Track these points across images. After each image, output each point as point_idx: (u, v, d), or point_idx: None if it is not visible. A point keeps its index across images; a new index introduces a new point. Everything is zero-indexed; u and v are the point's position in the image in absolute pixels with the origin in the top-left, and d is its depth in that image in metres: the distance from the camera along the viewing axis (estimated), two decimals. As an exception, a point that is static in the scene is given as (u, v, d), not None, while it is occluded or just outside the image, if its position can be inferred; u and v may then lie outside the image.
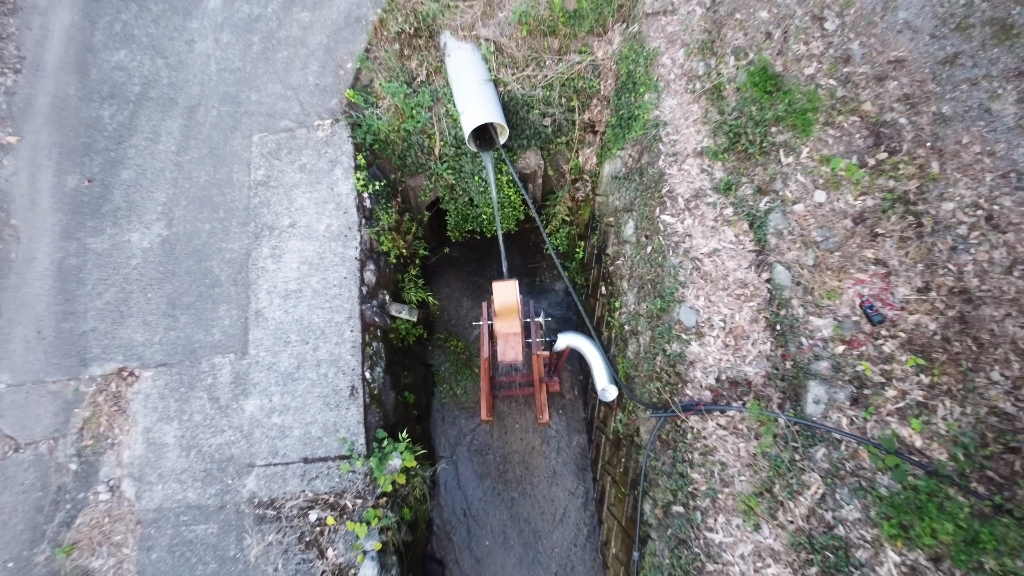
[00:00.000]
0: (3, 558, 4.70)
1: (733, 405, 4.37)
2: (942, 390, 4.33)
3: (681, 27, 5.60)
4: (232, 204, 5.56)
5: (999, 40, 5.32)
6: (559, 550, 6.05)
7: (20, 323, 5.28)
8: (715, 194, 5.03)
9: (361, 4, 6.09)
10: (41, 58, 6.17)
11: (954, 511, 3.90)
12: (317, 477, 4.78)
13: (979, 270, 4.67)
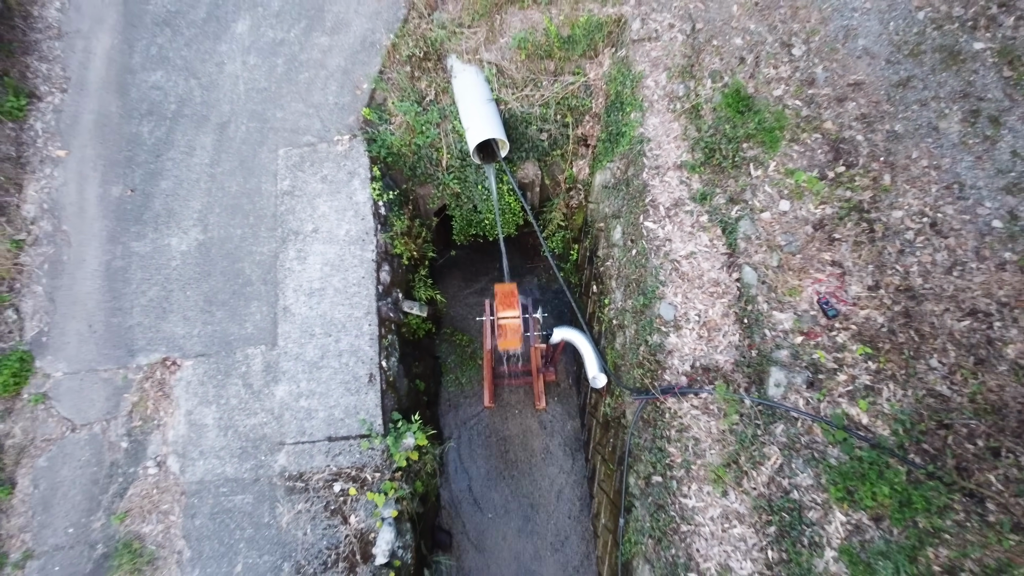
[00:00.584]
0: (64, 524, 5.33)
1: (705, 388, 5.00)
2: (887, 375, 4.96)
3: (664, 52, 6.23)
4: (261, 211, 6.19)
5: (947, 65, 5.95)
6: (555, 522, 6.70)
7: (73, 318, 5.91)
8: (692, 203, 5.66)
9: (375, 30, 6.72)
10: (85, 78, 6.79)
11: (892, 478, 4.54)
12: (340, 453, 5.41)
13: (923, 270, 5.31)
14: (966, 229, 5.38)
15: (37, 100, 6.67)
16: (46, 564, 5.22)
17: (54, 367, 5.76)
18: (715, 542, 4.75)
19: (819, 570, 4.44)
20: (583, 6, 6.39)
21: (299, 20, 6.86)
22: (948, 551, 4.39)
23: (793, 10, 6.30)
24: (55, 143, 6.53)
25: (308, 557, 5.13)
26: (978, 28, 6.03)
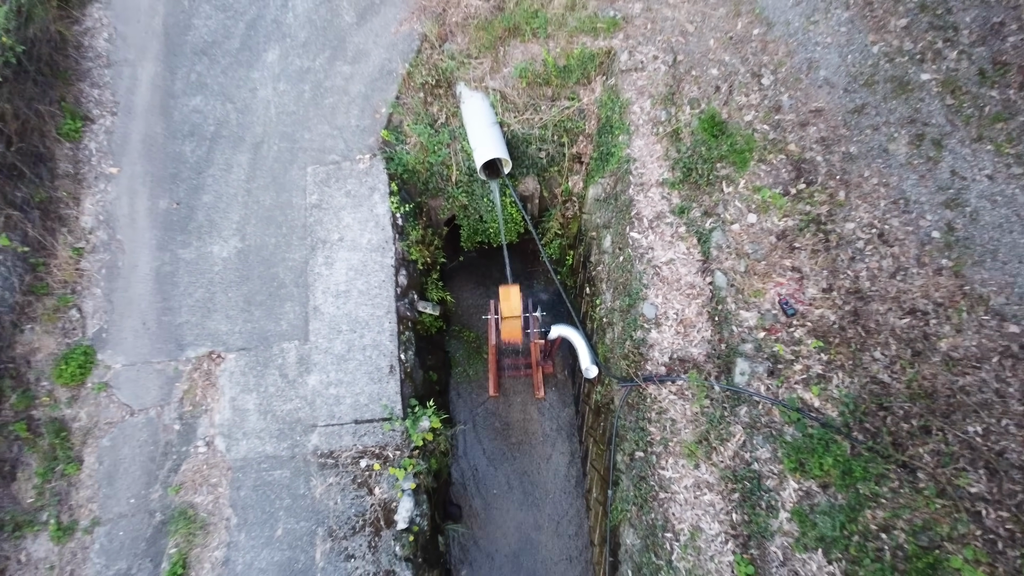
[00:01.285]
0: (126, 495, 6.14)
1: (681, 377, 5.82)
2: (836, 365, 5.77)
3: (648, 82, 7.04)
4: (292, 222, 7.00)
5: (897, 94, 6.76)
6: (552, 497, 7.52)
7: (129, 317, 6.72)
8: (672, 216, 6.47)
9: (392, 59, 7.52)
10: (132, 103, 7.60)
11: (837, 452, 5.35)
12: (365, 434, 6.22)
13: (870, 275, 6.12)
14: (909, 239, 6.20)
15: (90, 122, 7.47)
16: (111, 530, 6.04)
17: (114, 360, 6.57)
18: (688, 507, 5.56)
19: (774, 529, 5.26)
20: (577, 39, 7.20)
21: (323, 50, 7.67)
22: (883, 512, 5.20)
23: (763, 44, 7.11)
24: (108, 161, 7.34)
25: (339, 523, 5.94)
26: (925, 61, 6.84)
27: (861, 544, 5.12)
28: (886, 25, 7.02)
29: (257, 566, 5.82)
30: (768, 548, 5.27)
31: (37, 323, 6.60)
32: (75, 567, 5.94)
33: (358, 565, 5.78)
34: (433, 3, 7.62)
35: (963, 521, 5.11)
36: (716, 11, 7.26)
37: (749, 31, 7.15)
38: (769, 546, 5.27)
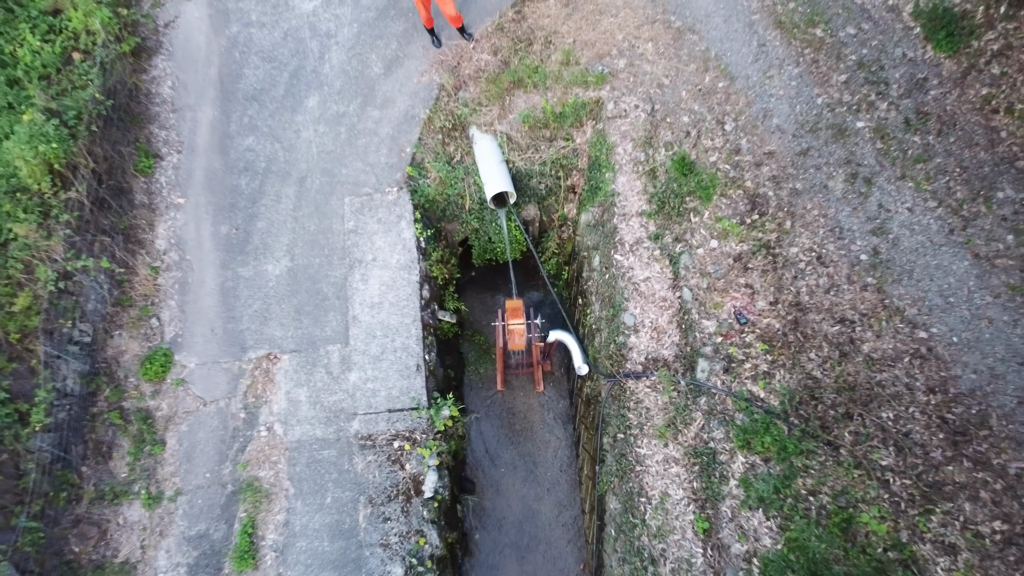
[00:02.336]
0: (203, 471, 7.52)
1: (653, 373, 7.20)
2: (779, 364, 7.15)
3: (631, 127, 8.41)
4: (333, 245, 8.37)
5: (836, 139, 8.14)
6: (550, 474, 8.89)
7: (199, 324, 8.09)
8: (648, 241, 7.85)
9: (415, 106, 8.89)
10: (195, 142, 8.96)
11: (776, 433, 6.73)
12: (397, 421, 7.59)
13: (809, 291, 7.49)
14: (841, 261, 7.58)
15: (160, 160, 8.83)
16: (191, 498, 7.42)
17: (188, 360, 7.95)
18: (659, 477, 6.95)
19: (725, 493, 6.64)
20: (571, 91, 8.57)
21: (356, 97, 9.03)
22: (811, 480, 6.59)
23: (727, 95, 8.48)
24: (176, 193, 8.70)
25: (377, 492, 7.32)
26: (860, 111, 8.22)
27: (793, 505, 6.51)
28: (829, 80, 8.40)
29: (311, 527, 7.20)
30: (720, 508, 6.66)
31: (124, 330, 7.97)
32: (163, 528, 7.32)
33: (393, 526, 7.16)
34: (448, 58, 8.99)
35: (873, 487, 6.51)
36: (688, 67, 8.63)
37: (715, 84, 8.52)
38: (721, 506, 6.66)
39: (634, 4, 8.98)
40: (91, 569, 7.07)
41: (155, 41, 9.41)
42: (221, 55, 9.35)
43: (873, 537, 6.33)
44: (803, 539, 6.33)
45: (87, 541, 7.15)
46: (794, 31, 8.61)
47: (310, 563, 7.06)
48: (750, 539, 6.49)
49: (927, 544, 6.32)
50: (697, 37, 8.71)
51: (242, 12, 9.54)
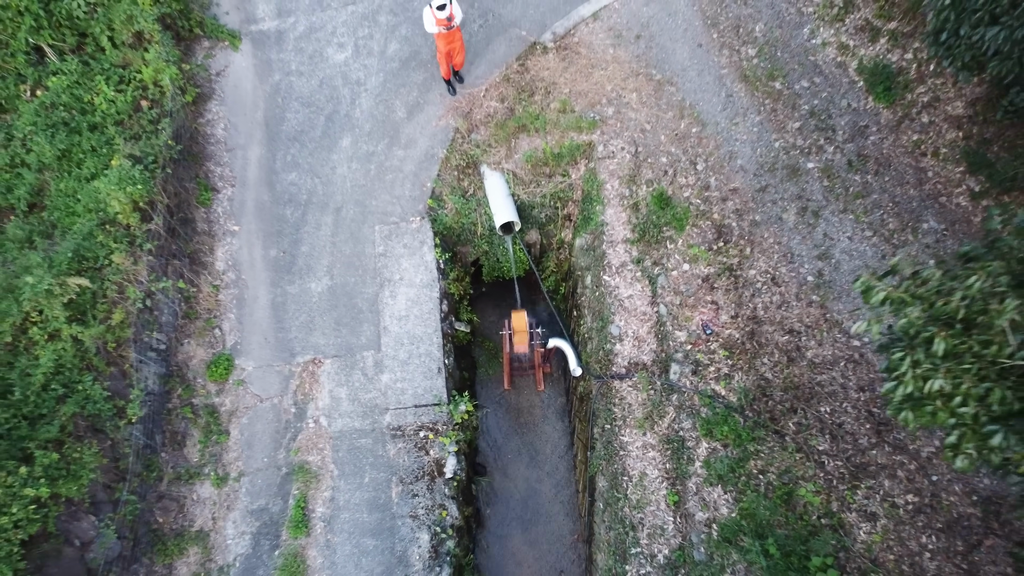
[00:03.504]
0: (261, 456, 9.04)
1: (634, 375, 8.73)
2: (737, 368, 8.68)
3: (617, 166, 9.94)
4: (366, 266, 9.89)
5: (790, 177, 9.66)
6: (550, 459, 10.44)
7: (254, 333, 9.61)
8: (632, 264, 9.38)
9: (434, 146, 10.40)
10: (246, 177, 10.46)
11: (734, 424, 8.26)
12: (422, 414, 9.12)
13: (764, 306, 9.02)
14: (792, 281, 9.11)
15: (217, 192, 10.34)
16: (252, 479, 8.94)
17: (246, 364, 9.47)
18: (638, 460, 8.49)
19: (691, 472, 8.18)
20: (567, 135, 10.10)
21: (383, 138, 10.54)
22: (761, 461, 8.13)
23: (699, 139, 10.00)
24: (231, 221, 10.22)
25: (406, 473, 8.85)
26: (811, 153, 9.75)
27: (745, 481, 8.06)
28: (785, 126, 9.92)
29: (353, 502, 8.73)
30: (687, 484, 8.20)
31: (192, 338, 9.50)
32: (230, 503, 8.85)
33: (420, 501, 8.70)
34: (462, 105, 10.51)
35: (811, 467, 8.06)
36: (666, 114, 10.15)
37: (689, 129, 10.05)
38: (688, 483, 8.20)
39: (621, 59, 10.50)
40: (172, 536, 8.60)
41: (208, 88, 10.91)
42: (266, 100, 10.85)
43: (809, 507, 7.89)
44: (753, 508, 7.88)
45: (168, 513, 8.68)
46: (756, 84, 10.14)
47: (352, 531, 8.60)
48: (710, 509, 8.04)
49: (852, 513, 7.89)
50: (674, 88, 10.24)
51: (283, 62, 11.04)
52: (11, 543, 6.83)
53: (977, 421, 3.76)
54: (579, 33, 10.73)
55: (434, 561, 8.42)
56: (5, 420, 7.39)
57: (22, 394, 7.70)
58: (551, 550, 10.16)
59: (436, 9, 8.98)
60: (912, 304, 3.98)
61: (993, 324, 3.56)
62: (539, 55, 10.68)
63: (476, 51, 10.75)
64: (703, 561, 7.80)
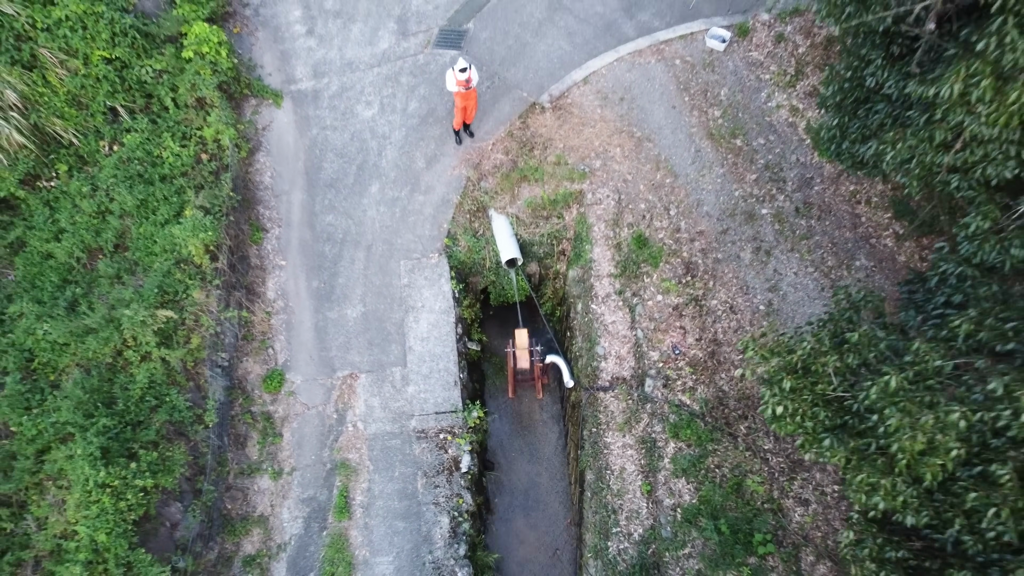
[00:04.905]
0: (309, 454, 10.95)
1: (616, 387, 10.66)
2: (701, 381, 10.61)
3: (604, 211, 11.85)
4: (393, 295, 11.80)
5: (747, 222, 11.57)
6: (547, 457, 12.38)
7: (301, 352, 11.53)
8: (615, 295, 11.30)
9: (449, 192, 12.31)
10: (290, 218, 12.37)
11: (695, 427, 10.20)
12: (442, 419, 11.04)
13: (723, 331, 10.94)
14: (747, 310, 11.03)
15: (266, 232, 12.25)
16: (303, 473, 10.86)
17: (295, 378, 11.39)
18: (619, 458, 10.42)
19: (661, 467, 10.12)
20: (561, 184, 12.01)
21: (406, 185, 12.44)
22: (717, 458, 10.07)
23: (672, 188, 11.91)
24: (279, 257, 12.13)
25: (428, 468, 10.78)
26: (765, 201, 11.66)
27: (704, 474, 9.99)
28: (744, 178, 11.84)
29: (386, 491, 10.66)
30: (658, 476, 10.14)
31: (249, 357, 11.42)
32: (285, 493, 10.78)
33: (441, 491, 10.64)
34: (473, 157, 12.42)
35: (757, 463, 10.00)
36: (645, 167, 12.07)
37: (664, 180, 11.97)
38: (658, 475, 10.14)
39: (607, 118, 12.41)
40: (239, 520, 10.53)
41: (256, 141, 12.82)
42: (306, 151, 12.76)
43: (755, 494, 9.82)
44: (709, 496, 9.82)
45: (235, 501, 10.61)
46: (721, 141, 12.06)
47: (386, 515, 10.53)
48: (676, 496, 9.98)
49: (789, 499, 9.83)
50: (652, 144, 12.16)
51: (319, 118, 12.94)
52: (127, 522, 8.76)
53: (815, 431, 5.65)
54: (572, 95, 12.65)
55: (453, 540, 10.36)
56: (114, 426, 9.31)
57: (124, 405, 9.63)
58: (548, 531, 12.12)
59: (458, 71, 10.88)
60: (771, 358, 5.87)
61: (822, 370, 5.44)
62: (538, 114, 12.59)
63: (484, 109, 12.65)
64: (669, 538, 9.74)
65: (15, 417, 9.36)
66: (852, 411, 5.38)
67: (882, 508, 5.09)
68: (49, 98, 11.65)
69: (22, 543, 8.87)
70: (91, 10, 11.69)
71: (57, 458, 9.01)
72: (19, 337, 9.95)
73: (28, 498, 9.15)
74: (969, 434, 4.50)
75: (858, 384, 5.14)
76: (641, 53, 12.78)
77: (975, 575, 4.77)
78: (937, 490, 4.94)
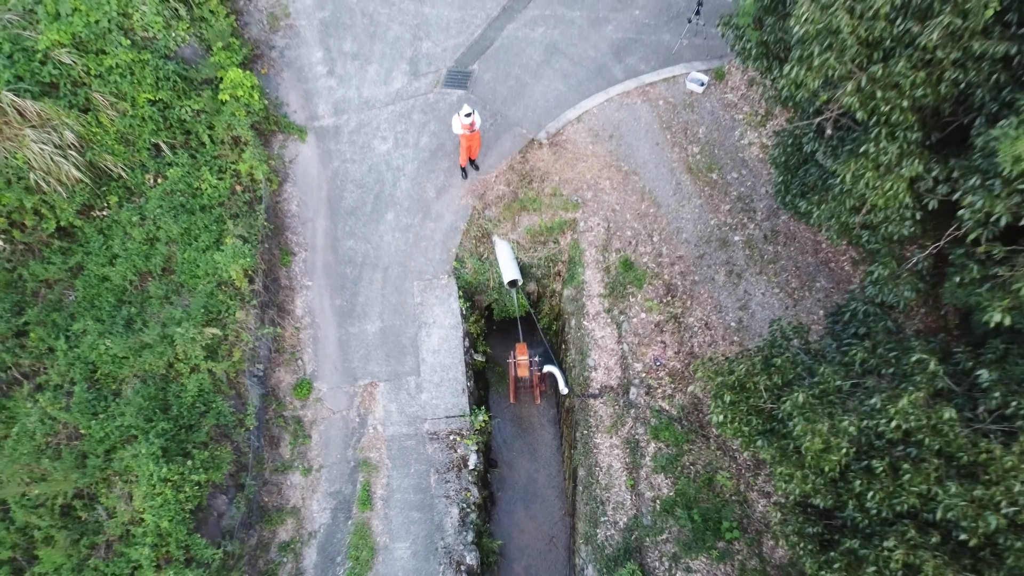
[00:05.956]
0: (335, 453, 12.45)
1: (604, 394, 12.17)
2: (678, 390, 12.11)
3: (594, 238, 13.35)
4: (407, 312, 13.30)
5: (721, 248, 13.08)
6: (544, 455, 13.90)
7: (327, 363, 13.02)
8: (604, 313, 12.81)
9: (457, 220, 13.80)
10: (315, 243, 13.86)
11: (673, 429, 11.71)
12: (452, 423, 12.53)
13: (699, 345, 12.45)
14: (720, 326, 12.54)
15: (294, 256, 13.74)
16: (329, 470, 12.36)
17: (321, 386, 12.88)
18: (607, 456, 11.93)
19: (643, 464, 11.63)
20: (557, 213, 13.51)
21: (418, 213, 13.93)
22: (691, 456, 11.59)
23: (655, 217, 13.42)
24: (305, 278, 13.62)
25: (440, 465, 12.28)
26: (737, 229, 13.17)
27: (680, 470, 11.50)
28: (719, 208, 13.35)
29: (403, 486, 12.17)
30: (640, 472, 11.66)
31: (281, 367, 12.92)
32: (314, 488, 12.28)
33: (451, 485, 12.14)
34: (478, 188, 13.92)
35: (727, 460, 11.52)
36: (631, 197, 13.57)
37: (648, 210, 13.47)
38: (641, 472, 11.66)
39: (598, 153, 13.91)
40: (274, 511, 12.03)
41: (284, 173, 14.31)
42: (328, 182, 14.25)
43: (724, 488, 11.33)
44: (685, 489, 11.33)
45: (271, 495, 12.11)
46: (699, 174, 13.57)
47: (403, 507, 12.04)
48: (656, 489, 11.50)
49: (754, 492, 11.34)
50: (638, 178, 13.66)
51: (340, 152, 14.42)
52: (185, 511, 10.26)
53: (750, 435, 7.14)
54: (567, 132, 14.15)
55: (462, 528, 11.87)
56: (171, 429, 10.81)
57: (178, 410, 11.13)
58: (545, 521, 13.65)
59: (463, 116, 12.38)
60: (715, 377, 7.37)
61: (755, 388, 6.92)
62: (536, 149, 14.09)
63: (488, 144, 14.14)
64: (650, 525, 11.25)
65: (84, 421, 10.84)
66: (777, 419, 6.85)
67: (797, 493, 6.55)
68: (101, 137, 13.13)
69: (95, 529, 10.36)
70: (138, 58, 13.17)
71: (124, 456, 10.49)
72: (84, 351, 11.44)
73: (98, 491, 10.64)
74: (859, 437, 5.95)
75: (781, 398, 6.60)
76: (628, 94, 14.27)
77: (862, 542, 6.23)
78: (837, 479, 6.39)
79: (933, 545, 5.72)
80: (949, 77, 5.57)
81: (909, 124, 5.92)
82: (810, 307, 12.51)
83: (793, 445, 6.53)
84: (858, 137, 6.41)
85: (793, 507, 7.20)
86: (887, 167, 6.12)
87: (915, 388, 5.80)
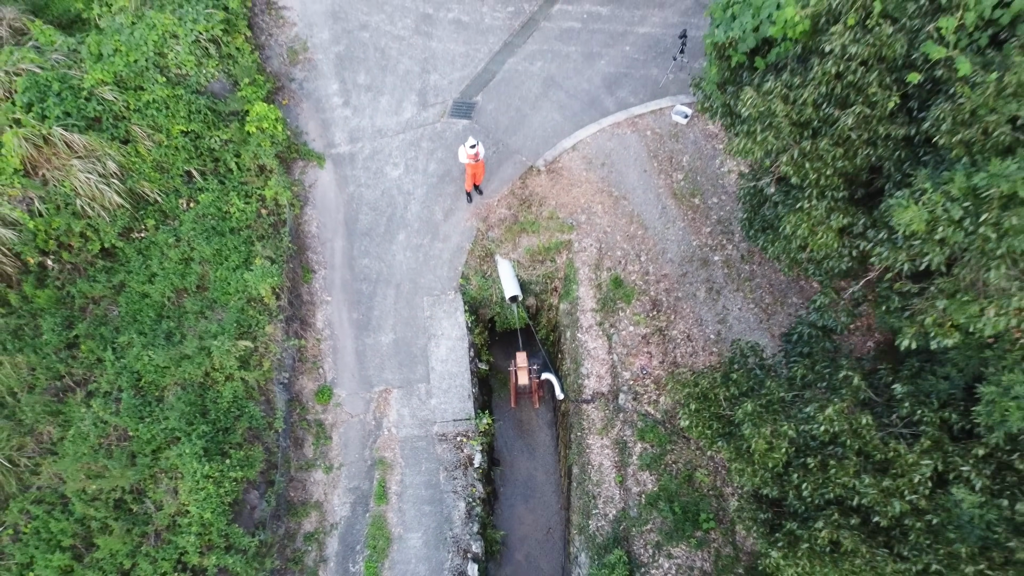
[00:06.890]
0: (353, 452, 13.81)
1: (596, 400, 13.54)
2: (662, 395, 13.48)
3: (587, 257, 14.72)
4: (418, 325, 14.65)
5: (702, 267, 14.45)
6: (543, 456, 15.28)
7: (345, 371, 14.38)
8: (596, 326, 14.18)
9: (463, 241, 15.15)
10: (333, 262, 15.21)
11: (658, 431, 13.09)
12: (459, 425, 13.91)
13: (682, 355, 13.82)
14: (700, 338, 13.92)
15: (314, 273, 15.09)
16: (348, 468, 13.72)
17: (341, 392, 14.24)
18: (598, 455, 13.30)
19: (631, 462, 13.00)
20: (554, 235, 14.87)
21: (427, 234, 15.29)
22: (674, 456, 12.97)
23: (643, 239, 14.78)
24: (325, 294, 14.98)
25: (448, 464, 13.64)
26: (717, 249, 14.54)
27: (664, 468, 12.88)
28: (700, 230, 14.71)
29: (415, 482, 13.53)
30: (628, 470, 13.03)
31: (304, 375, 14.28)
32: (335, 484, 13.65)
33: (459, 481, 13.51)
34: (482, 211, 15.28)
35: (705, 459, 12.89)
36: (621, 220, 14.93)
37: (636, 231, 14.83)
38: (628, 469, 13.03)
39: (591, 179, 15.27)
40: (299, 505, 13.39)
41: (305, 196, 15.65)
42: (345, 205, 15.59)
43: (702, 484, 12.71)
44: (667, 485, 12.71)
45: (297, 490, 13.48)
46: (682, 199, 14.93)
47: (415, 501, 13.40)
48: (641, 485, 12.88)
49: (729, 488, 12.71)
50: (627, 202, 15.02)
51: (355, 177, 15.77)
52: (224, 504, 11.61)
53: (712, 437, 8.50)
54: (563, 160, 15.51)
55: (468, 520, 13.24)
56: (210, 431, 12.16)
57: (215, 415, 12.48)
58: (543, 514, 15.03)
59: (468, 147, 13.74)
60: (683, 388, 8.72)
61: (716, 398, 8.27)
62: (535, 175, 15.45)
63: (491, 171, 15.49)
64: (636, 517, 12.63)
65: (132, 424, 12.20)
66: (733, 423, 8.20)
67: (750, 486, 7.89)
68: (140, 165, 14.49)
69: (144, 520, 11.72)
70: (172, 93, 14.52)
71: (170, 456, 11.84)
72: (130, 362, 12.79)
73: (145, 487, 11.99)
74: (796, 439, 7.28)
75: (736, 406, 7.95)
76: (619, 125, 15.64)
77: (799, 525, 7.59)
78: (781, 474, 7.72)
79: (853, 526, 7.06)
80: (862, 153, 6.90)
81: (835, 186, 7.25)
82: (782, 321, 13.88)
83: (746, 446, 7.87)
84: (795, 195, 7.74)
85: (748, 497, 8.56)
86: (818, 220, 7.46)
87: (840, 399, 7.14)
